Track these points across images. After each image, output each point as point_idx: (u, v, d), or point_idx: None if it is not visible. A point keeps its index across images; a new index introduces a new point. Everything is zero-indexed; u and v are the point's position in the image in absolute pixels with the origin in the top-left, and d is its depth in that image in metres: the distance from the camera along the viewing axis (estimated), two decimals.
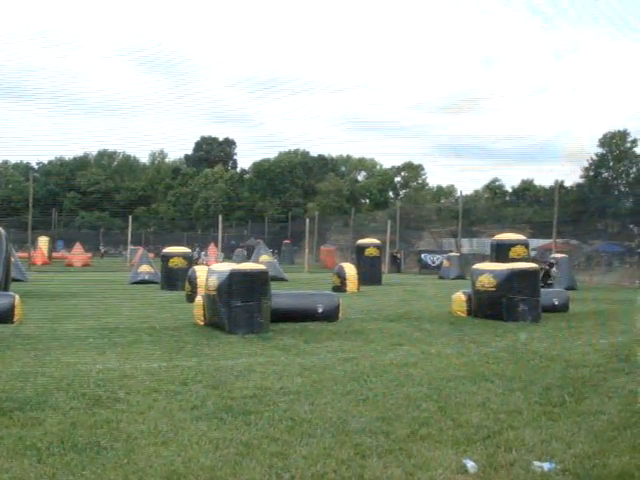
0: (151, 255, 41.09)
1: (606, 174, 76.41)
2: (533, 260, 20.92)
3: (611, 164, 75.17)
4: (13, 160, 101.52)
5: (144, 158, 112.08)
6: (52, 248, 60.51)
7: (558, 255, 32.40)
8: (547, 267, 17.97)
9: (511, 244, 26.78)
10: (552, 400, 8.34)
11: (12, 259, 25.94)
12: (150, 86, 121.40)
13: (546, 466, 5.86)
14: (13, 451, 6.18)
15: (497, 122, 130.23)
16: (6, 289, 20.54)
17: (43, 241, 56.87)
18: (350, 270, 27.74)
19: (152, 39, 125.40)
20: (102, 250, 71.62)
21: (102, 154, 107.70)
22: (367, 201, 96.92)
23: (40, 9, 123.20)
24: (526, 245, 27.47)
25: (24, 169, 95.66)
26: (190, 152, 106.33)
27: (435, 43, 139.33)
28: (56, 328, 14.65)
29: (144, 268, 32.60)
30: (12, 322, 15.16)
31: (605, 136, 75.53)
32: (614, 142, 74.62)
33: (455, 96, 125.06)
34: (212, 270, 15.83)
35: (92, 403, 7.96)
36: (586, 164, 75.92)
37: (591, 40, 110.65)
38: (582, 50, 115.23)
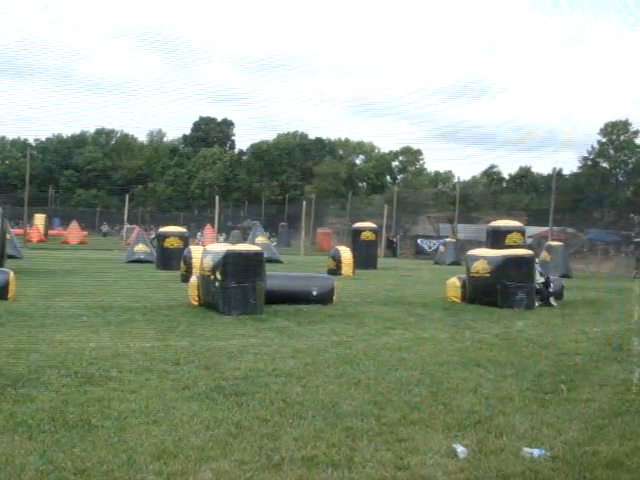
0: (147, 235, 41.09)
1: (605, 163, 76.41)
2: None
3: (611, 153, 75.12)
4: (10, 136, 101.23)
5: (142, 137, 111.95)
6: (48, 225, 60.41)
7: (554, 243, 32.44)
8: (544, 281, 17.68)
9: (507, 231, 26.66)
10: (544, 387, 8.36)
11: (7, 236, 25.91)
12: (150, 65, 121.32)
13: (536, 452, 5.88)
14: (4, 427, 6.19)
15: (498, 108, 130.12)
16: (1, 265, 20.51)
17: (39, 218, 56.80)
18: (346, 253, 27.76)
19: (153, 18, 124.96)
20: (104, 230, 70.62)
21: (100, 132, 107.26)
22: (364, 185, 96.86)
23: None
24: (522, 232, 27.42)
25: (21, 146, 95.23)
26: (188, 132, 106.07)
27: (438, 28, 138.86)
28: (50, 305, 14.66)
29: (140, 247, 32.59)
30: (6, 299, 15.18)
31: (607, 125, 75.48)
32: (615, 131, 74.57)
33: (457, 82, 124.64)
34: (207, 250, 15.81)
35: (84, 381, 7.97)
36: (585, 153, 75.96)
37: (598, 28, 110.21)
38: (588, 38, 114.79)
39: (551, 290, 17.94)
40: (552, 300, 17.63)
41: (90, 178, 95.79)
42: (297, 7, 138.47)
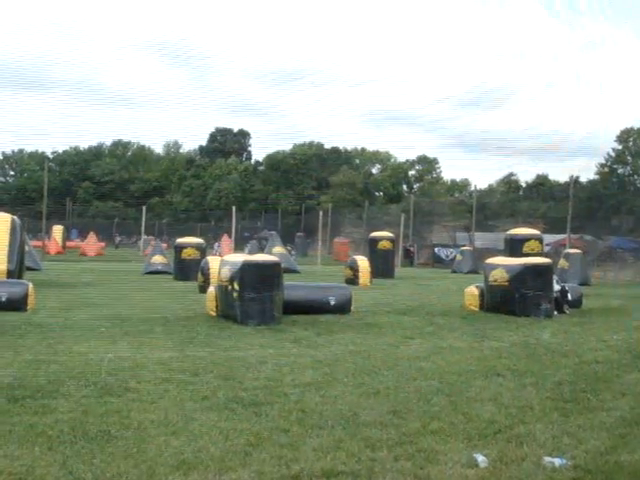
0: (164, 245, 41.24)
1: (621, 170, 75.99)
2: None
3: (629, 160, 74.67)
4: (28, 149, 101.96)
5: (158, 149, 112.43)
6: (66, 237, 60.73)
7: (572, 250, 32.28)
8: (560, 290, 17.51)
9: (525, 239, 26.77)
10: (564, 396, 8.30)
11: (26, 248, 26.07)
12: (167, 77, 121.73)
13: (557, 461, 5.83)
14: (24, 438, 6.21)
15: (515, 116, 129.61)
16: (20, 277, 20.63)
17: (57, 230, 57.10)
18: (363, 263, 27.73)
19: (171, 30, 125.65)
20: (117, 240, 70.32)
21: (116, 144, 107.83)
22: (381, 194, 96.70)
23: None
24: (540, 240, 27.44)
25: (39, 158, 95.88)
26: (204, 143, 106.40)
27: (454, 36, 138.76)
28: (69, 317, 14.71)
29: (157, 259, 32.72)
30: (25, 310, 15.26)
31: (623, 132, 75.08)
32: (632, 138, 74.15)
33: (474, 89, 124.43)
34: (225, 261, 15.83)
35: (103, 392, 7.98)
36: (602, 160, 75.58)
37: (615, 35, 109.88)
38: (605, 45, 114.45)
39: (569, 298, 17.82)
40: (566, 308, 17.51)
41: (107, 190, 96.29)
42: (313, 19, 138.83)
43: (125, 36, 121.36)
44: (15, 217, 22.97)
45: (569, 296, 17.91)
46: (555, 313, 16.86)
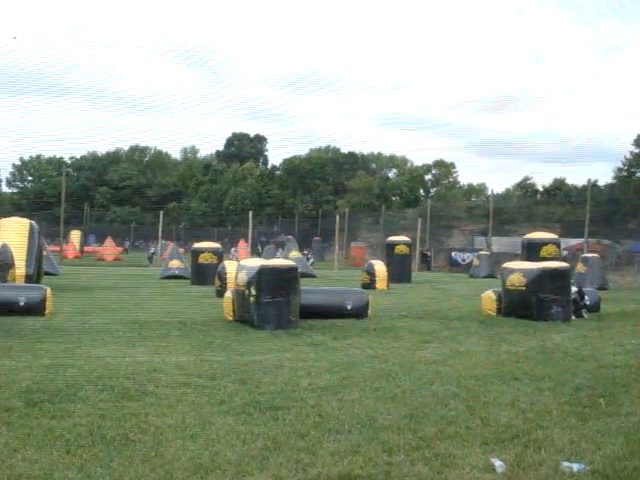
0: (182, 250, 41.35)
1: (639, 174, 75.53)
2: None
3: None
4: (46, 155, 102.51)
5: (175, 154, 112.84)
6: (84, 242, 61.00)
7: (589, 255, 32.12)
8: (577, 295, 17.41)
9: (542, 243, 26.67)
10: (582, 400, 8.26)
11: (44, 252, 26.24)
12: (183, 83, 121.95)
13: (575, 467, 5.80)
14: (42, 442, 6.24)
15: (532, 120, 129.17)
16: (38, 282, 20.76)
17: (75, 235, 57.46)
18: (380, 267, 27.75)
19: (188, 36, 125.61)
20: (126, 246, 67.23)
21: (134, 149, 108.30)
22: (397, 199, 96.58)
23: (77, 5, 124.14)
24: (557, 244, 27.32)
25: (57, 164, 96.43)
26: (221, 148, 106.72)
27: (471, 39, 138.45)
28: (86, 321, 14.78)
29: (174, 263, 32.82)
30: (43, 315, 15.34)
31: (639, 136, 74.66)
32: None
33: (491, 93, 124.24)
34: (242, 265, 15.86)
35: (121, 396, 8.02)
36: (620, 164, 75.19)
37: (635, 39, 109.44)
38: (626, 49, 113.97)
39: (587, 302, 17.74)
40: (584, 312, 17.42)
41: (125, 195, 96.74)
42: (329, 25, 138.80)
43: (142, 41, 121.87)
44: (33, 222, 23.16)
45: (587, 300, 17.83)
46: (572, 317, 16.79)
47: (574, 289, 17.56)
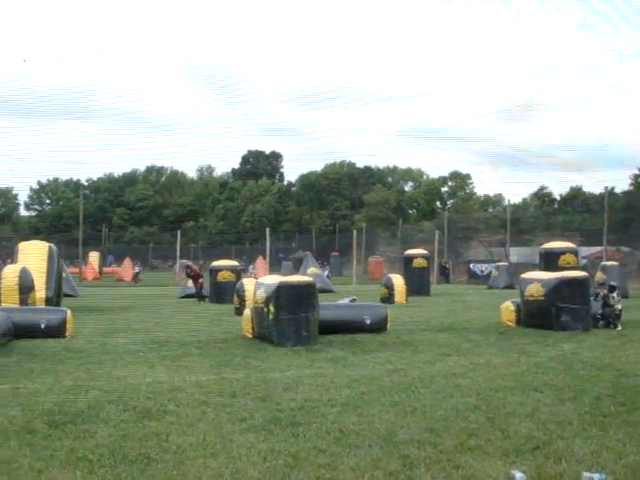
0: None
1: None
2: None
3: None
4: (63, 177, 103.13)
5: (192, 173, 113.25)
6: (103, 263, 61.27)
7: (608, 263, 31.95)
8: (604, 292, 17.21)
9: (560, 252, 26.64)
10: (603, 410, 8.24)
11: (63, 275, 26.38)
12: (198, 103, 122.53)
13: (596, 477, 5.78)
14: (65, 462, 6.30)
15: (547, 129, 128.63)
16: (58, 304, 20.90)
17: (94, 256, 57.73)
18: (398, 281, 27.73)
19: (202, 54, 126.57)
20: (137, 270, 54.36)
21: (150, 170, 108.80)
22: (414, 211, 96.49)
23: (94, 27, 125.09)
24: (575, 253, 27.27)
25: (74, 186, 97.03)
26: (237, 166, 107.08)
27: (486, 49, 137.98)
28: (107, 342, 14.86)
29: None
30: (64, 337, 15.43)
31: None
32: None
33: (505, 103, 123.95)
34: (260, 283, 15.91)
35: (142, 416, 8.07)
36: (636, 170, 74.81)
37: None
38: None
39: (619, 313, 17.37)
40: (618, 322, 17.17)
41: (142, 215, 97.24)
42: (342, 39, 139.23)
43: (157, 61, 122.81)
44: (52, 245, 23.32)
45: (621, 311, 17.49)
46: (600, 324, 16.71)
47: (616, 298, 17.32)
